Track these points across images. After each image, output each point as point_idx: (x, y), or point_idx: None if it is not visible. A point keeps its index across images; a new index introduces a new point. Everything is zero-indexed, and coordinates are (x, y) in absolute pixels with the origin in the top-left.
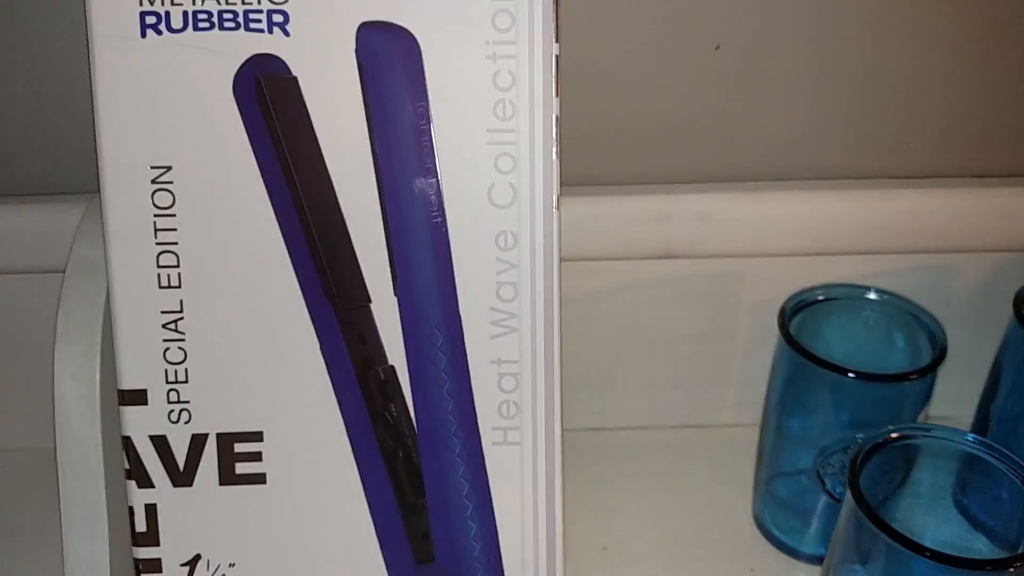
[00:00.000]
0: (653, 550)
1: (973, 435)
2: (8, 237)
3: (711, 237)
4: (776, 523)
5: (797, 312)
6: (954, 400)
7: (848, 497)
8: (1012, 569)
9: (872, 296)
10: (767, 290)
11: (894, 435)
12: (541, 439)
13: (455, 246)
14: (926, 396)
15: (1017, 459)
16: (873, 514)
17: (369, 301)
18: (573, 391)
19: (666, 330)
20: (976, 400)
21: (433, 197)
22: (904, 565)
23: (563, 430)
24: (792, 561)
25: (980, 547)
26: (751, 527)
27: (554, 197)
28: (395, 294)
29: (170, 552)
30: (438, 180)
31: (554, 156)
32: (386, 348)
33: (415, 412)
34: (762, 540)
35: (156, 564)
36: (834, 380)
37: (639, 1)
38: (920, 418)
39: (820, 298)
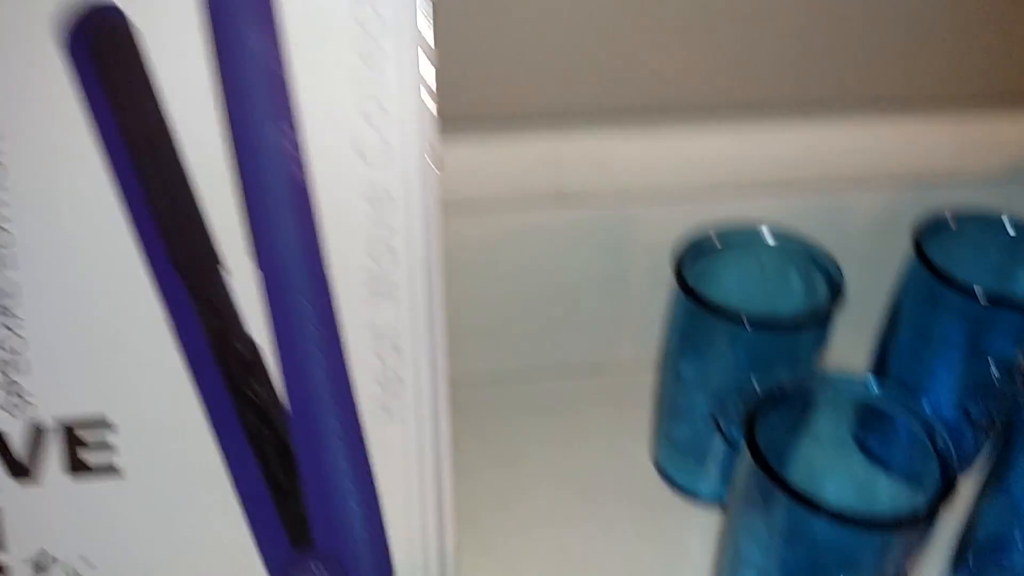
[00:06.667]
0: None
1: (872, 377)
2: None
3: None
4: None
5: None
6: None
7: (745, 452)
8: (917, 526)
9: (767, 236)
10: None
11: (787, 386)
12: (427, 414)
13: (320, 204)
14: (824, 341)
15: (909, 398)
16: (772, 471)
17: (219, 264)
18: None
19: (563, 275)
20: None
21: (293, 151)
22: (805, 522)
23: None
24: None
25: (879, 489)
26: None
27: (427, 146)
28: (256, 263)
29: (16, 551)
30: (298, 132)
31: (426, 99)
32: (249, 321)
33: (287, 390)
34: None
35: None
36: (729, 329)
37: None
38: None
39: (713, 239)
